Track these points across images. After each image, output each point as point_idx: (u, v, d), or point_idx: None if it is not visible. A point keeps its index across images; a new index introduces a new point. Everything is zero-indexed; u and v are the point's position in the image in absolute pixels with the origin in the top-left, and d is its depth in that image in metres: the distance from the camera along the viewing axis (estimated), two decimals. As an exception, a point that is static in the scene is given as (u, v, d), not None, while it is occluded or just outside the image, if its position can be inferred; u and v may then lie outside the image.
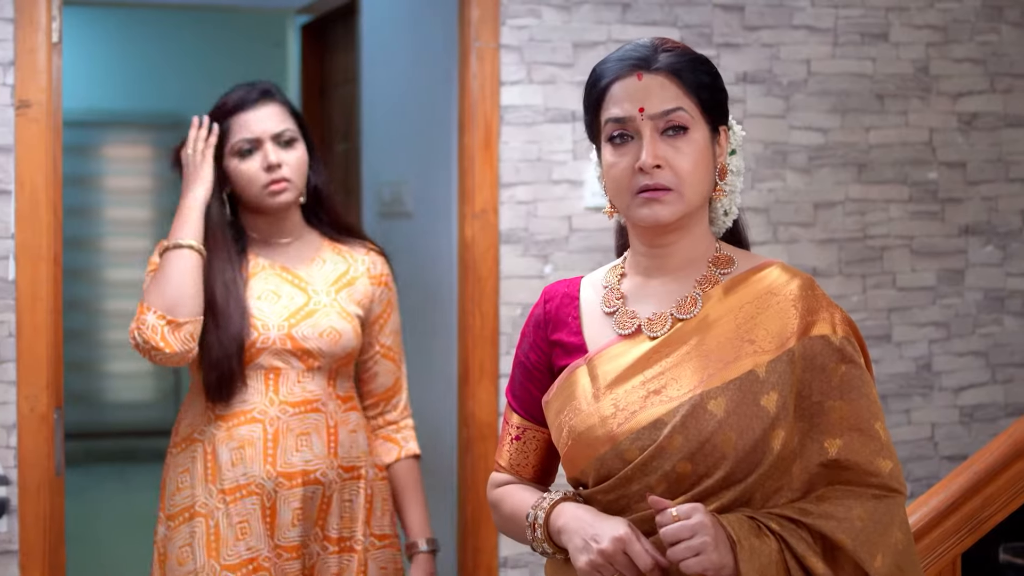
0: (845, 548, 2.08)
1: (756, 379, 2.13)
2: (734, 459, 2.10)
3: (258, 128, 3.26)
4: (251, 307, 3.23)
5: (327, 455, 3.23)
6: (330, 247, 3.40)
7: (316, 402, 3.24)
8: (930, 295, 4.77)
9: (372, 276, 3.40)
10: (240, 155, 3.26)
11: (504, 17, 4.30)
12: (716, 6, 4.51)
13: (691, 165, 2.17)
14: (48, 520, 3.76)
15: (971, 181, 4.80)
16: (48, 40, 3.76)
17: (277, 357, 3.22)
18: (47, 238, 3.76)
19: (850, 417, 2.14)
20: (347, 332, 3.28)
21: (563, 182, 4.37)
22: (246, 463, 3.18)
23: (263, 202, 3.27)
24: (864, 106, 4.68)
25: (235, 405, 3.21)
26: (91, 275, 9.78)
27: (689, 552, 2.01)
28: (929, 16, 4.73)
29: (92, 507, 8.22)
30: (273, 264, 3.32)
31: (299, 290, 3.29)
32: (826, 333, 2.17)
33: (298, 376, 3.23)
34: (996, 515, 3.12)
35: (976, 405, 4.82)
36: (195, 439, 3.25)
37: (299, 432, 3.21)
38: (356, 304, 3.34)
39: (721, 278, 2.24)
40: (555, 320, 2.34)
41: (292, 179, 3.27)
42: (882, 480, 2.13)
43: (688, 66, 2.20)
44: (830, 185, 4.65)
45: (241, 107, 3.27)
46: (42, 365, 3.75)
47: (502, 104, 4.30)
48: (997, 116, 4.81)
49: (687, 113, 2.17)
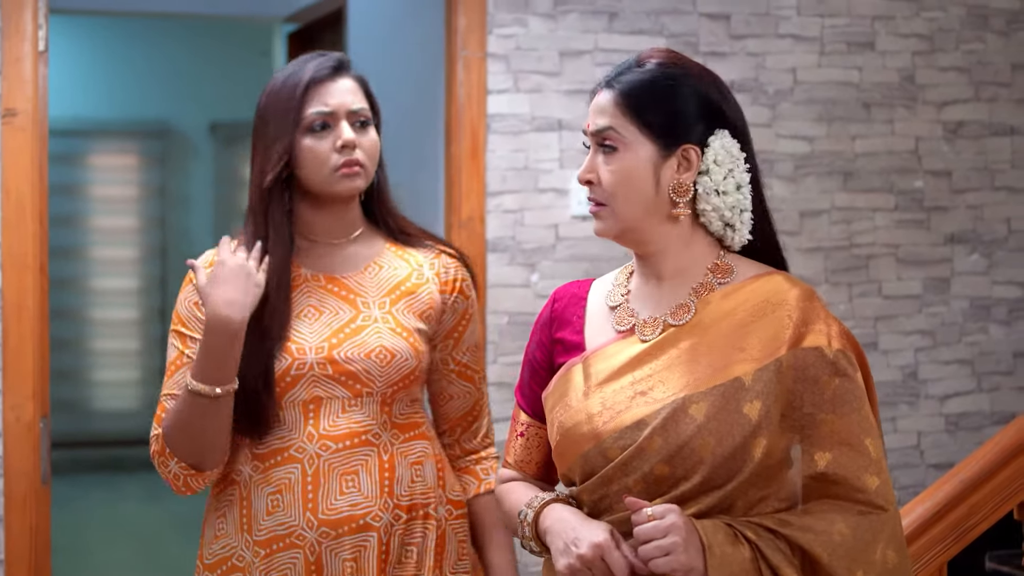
0: (821, 562, 2.08)
1: (741, 386, 2.13)
2: (711, 464, 2.11)
3: (334, 102, 2.72)
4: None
5: (380, 495, 2.69)
6: (393, 249, 2.84)
7: (365, 434, 2.71)
8: (916, 303, 4.78)
9: (442, 283, 2.83)
10: (311, 131, 2.70)
11: (491, 26, 4.31)
12: (702, 15, 4.52)
13: (615, 183, 2.21)
14: (34, 530, 3.75)
15: (957, 190, 4.81)
16: (34, 49, 3.76)
17: (317, 385, 2.69)
18: (33, 247, 3.75)
19: (841, 431, 2.14)
20: (402, 351, 2.72)
21: (550, 191, 4.38)
22: (284, 511, 2.67)
23: (331, 187, 2.72)
24: (850, 115, 4.69)
25: (271, 442, 2.70)
26: (77, 284, 9.78)
27: (659, 551, 2.03)
28: (915, 25, 4.74)
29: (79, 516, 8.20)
30: (317, 273, 2.77)
31: (346, 303, 2.76)
32: (820, 345, 2.17)
33: (343, 405, 2.70)
34: (982, 523, 3.12)
35: (962, 413, 4.83)
36: (232, 480, 2.74)
37: (344, 471, 2.68)
38: (418, 316, 2.78)
39: (718, 286, 2.24)
40: (560, 319, 2.37)
41: (366, 164, 2.74)
42: (868, 496, 2.13)
43: (640, 86, 2.22)
44: (816, 194, 4.66)
45: (317, 78, 2.72)
46: (28, 374, 3.75)
47: (489, 113, 4.31)
48: (982, 125, 4.83)
49: (618, 133, 2.21)
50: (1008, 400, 4.87)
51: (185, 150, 9.84)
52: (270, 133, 2.71)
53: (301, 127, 2.70)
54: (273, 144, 2.70)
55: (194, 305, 2.72)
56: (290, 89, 2.71)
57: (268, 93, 2.74)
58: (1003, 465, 3.12)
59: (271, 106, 2.73)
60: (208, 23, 9.35)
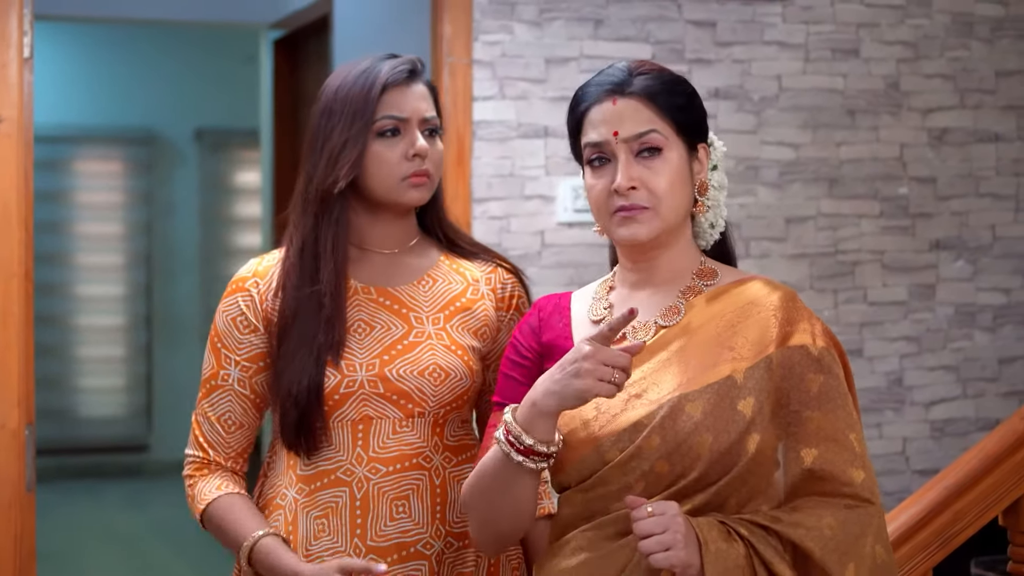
0: (813, 556, 2.11)
1: (734, 384, 2.17)
2: (709, 460, 2.15)
3: (408, 107, 2.56)
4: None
5: (431, 521, 2.55)
6: (447, 262, 2.69)
7: (417, 457, 2.56)
8: (901, 310, 4.79)
9: (499, 299, 2.68)
10: (381, 136, 2.55)
11: (477, 33, 4.31)
12: (688, 22, 4.53)
13: (666, 184, 2.23)
14: (19, 537, 3.74)
15: (942, 196, 4.82)
16: (19, 55, 3.75)
17: (367, 404, 2.54)
18: (18, 253, 3.74)
19: (826, 427, 2.18)
20: (456, 369, 2.57)
21: (535, 197, 4.38)
22: (331, 536, 2.54)
23: (398, 196, 2.56)
24: (835, 121, 4.70)
25: (318, 463, 2.55)
26: (62, 290, 9.75)
27: (659, 546, 2.05)
28: (900, 32, 4.75)
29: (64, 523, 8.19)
30: (368, 286, 2.61)
31: (398, 318, 2.60)
32: (805, 343, 2.22)
33: (394, 426, 2.56)
34: (967, 529, 3.13)
35: (947, 419, 4.84)
36: (276, 504, 2.60)
37: (394, 496, 2.54)
38: (473, 334, 2.63)
39: (704, 289, 2.29)
40: (547, 325, 2.38)
41: (433, 175, 2.59)
42: (854, 490, 2.17)
43: (662, 88, 2.26)
44: (801, 200, 4.67)
45: (393, 82, 2.56)
46: (13, 381, 3.74)
47: (474, 119, 4.31)
48: (967, 131, 4.84)
49: (660, 134, 2.23)
50: (993, 406, 4.88)
51: (170, 157, 9.83)
52: (337, 135, 2.54)
53: (372, 130, 2.54)
54: (342, 147, 2.53)
55: (232, 321, 2.60)
56: (362, 90, 2.55)
57: (336, 90, 2.57)
58: (988, 471, 3.13)
59: (339, 107, 2.56)
60: (193, 29, 9.34)
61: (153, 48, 9.59)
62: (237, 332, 2.59)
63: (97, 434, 9.88)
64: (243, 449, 2.63)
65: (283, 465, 2.60)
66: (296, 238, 2.58)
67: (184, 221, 9.86)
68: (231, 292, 2.62)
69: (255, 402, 2.61)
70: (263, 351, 2.59)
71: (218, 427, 2.60)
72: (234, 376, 2.59)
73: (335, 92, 2.57)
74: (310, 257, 2.56)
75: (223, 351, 2.60)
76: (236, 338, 2.59)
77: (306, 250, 2.56)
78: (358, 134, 2.53)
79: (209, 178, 9.94)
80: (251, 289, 2.60)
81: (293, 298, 2.55)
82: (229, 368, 2.59)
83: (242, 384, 2.60)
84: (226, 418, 2.60)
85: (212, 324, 2.64)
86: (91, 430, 9.90)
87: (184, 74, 9.71)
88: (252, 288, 2.60)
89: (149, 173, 9.88)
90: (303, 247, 2.57)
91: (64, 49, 9.31)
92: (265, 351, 2.59)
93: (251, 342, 2.59)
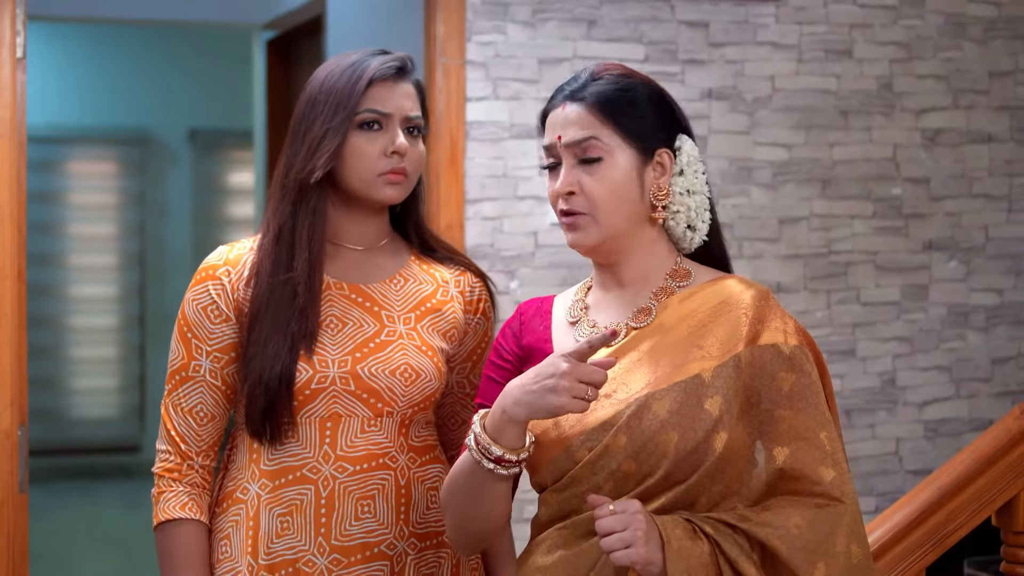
0: (780, 556, 2.11)
1: (701, 383, 2.18)
2: (675, 458, 2.15)
3: (392, 104, 2.54)
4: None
5: (396, 522, 2.54)
6: (418, 263, 2.68)
7: (384, 457, 2.53)
8: (894, 310, 4.80)
9: (467, 302, 2.67)
10: (362, 129, 2.53)
11: (470, 33, 4.31)
12: (681, 23, 4.53)
13: (604, 191, 2.24)
14: (12, 538, 3.73)
15: (935, 197, 4.83)
16: (12, 56, 3.75)
17: (337, 401, 2.51)
18: (11, 254, 3.74)
19: (797, 426, 2.18)
20: (427, 370, 2.56)
21: (529, 198, 4.38)
22: (294, 534, 2.50)
23: (372, 192, 2.54)
24: (828, 122, 4.70)
25: (282, 459, 2.52)
26: (56, 291, 9.74)
27: (620, 543, 2.06)
28: (893, 33, 4.75)
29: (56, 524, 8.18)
30: (341, 281, 2.59)
31: (370, 315, 2.58)
32: (776, 342, 2.21)
33: (362, 425, 2.53)
34: (960, 529, 3.13)
35: (940, 420, 4.84)
36: (237, 498, 2.56)
37: (360, 496, 2.52)
38: (442, 336, 2.62)
39: (677, 289, 2.29)
40: (527, 328, 2.40)
41: (410, 175, 2.57)
42: (824, 489, 2.16)
43: (612, 95, 2.27)
44: (795, 201, 4.67)
45: (380, 76, 2.54)
46: (6, 382, 3.73)
47: (468, 120, 4.31)
48: (960, 132, 4.84)
49: (600, 142, 2.24)
50: (986, 407, 4.88)
51: (164, 157, 9.82)
52: (319, 125, 2.52)
53: (353, 123, 2.52)
54: (323, 136, 2.51)
55: (203, 310, 2.56)
56: (349, 82, 2.53)
57: (323, 81, 2.56)
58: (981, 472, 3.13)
59: (323, 97, 2.54)
60: (187, 30, 9.33)
61: (146, 49, 9.58)
62: (208, 322, 2.56)
63: (90, 435, 9.87)
64: (214, 442, 2.59)
65: (245, 459, 2.56)
66: (273, 225, 2.56)
67: (177, 222, 9.85)
68: (201, 280, 2.58)
69: (226, 393, 2.57)
70: (235, 341, 2.56)
71: (190, 419, 2.56)
72: (206, 367, 2.55)
73: (321, 83, 2.56)
74: (286, 245, 2.53)
75: (194, 341, 2.56)
76: (207, 328, 2.55)
77: (282, 238, 2.54)
78: (339, 125, 2.51)
79: (202, 179, 9.94)
80: (222, 278, 2.56)
81: (267, 285, 2.52)
82: (201, 359, 2.55)
83: (214, 375, 2.56)
84: (198, 410, 2.56)
85: (179, 312, 2.59)
86: (84, 431, 9.89)
87: (177, 75, 9.70)
88: (224, 277, 2.57)
89: (142, 174, 9.87)
90: (279, 234, 2.55)
91: (57, 49, 9.29)
92: (236, 341, 2.56)
93: (223, 332, 2.55)
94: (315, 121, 2.53)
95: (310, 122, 2.54)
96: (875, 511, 4.60)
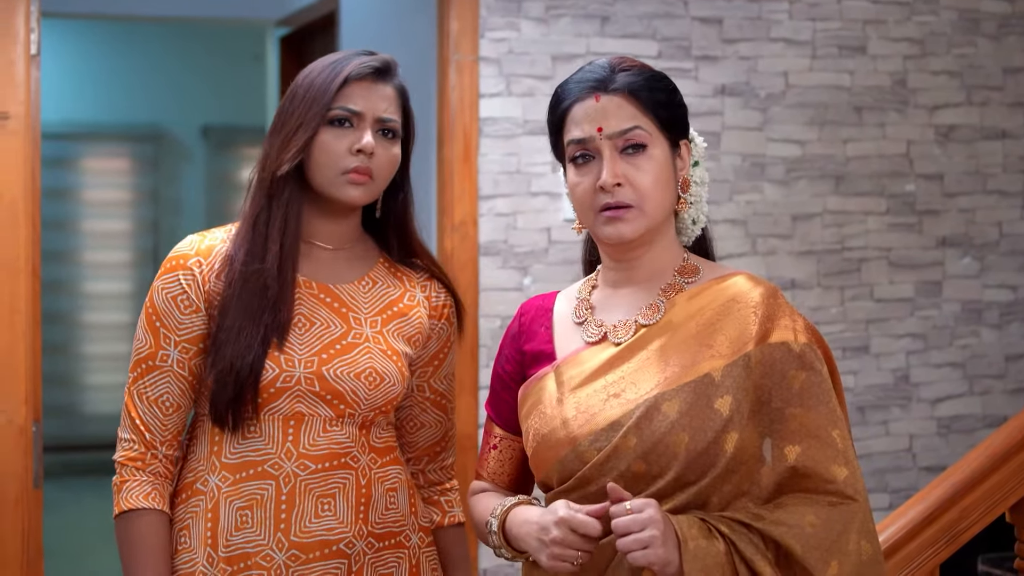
0: (794, 554, 2.11)
1: (711, 382, 2.17)
2: (685, 460, 2.15)
3: (363, 103, 2.55)
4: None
5: (355, 520, 2.55)
6: (385, 266, 2.69)
7: (345, 456, 2.55)
8: (908, 307, 4.79)
9: (432, 307, 2.68)
10: (332, 125, 2.54)
11: (483, 30, 4.31)
12: (695, 19, 4.53)
13: (651, 181, 2.23)
14: (26, 533, 3.75)
15: (948, 193, 4.82)
16: (26, 52, 3.76)
17: (300, 401, 2.52)
18: (25, 250, 3.75)
19: (808, 424, 2.17)
20: (390, 374, 2.57)
21: (542, 194, 4.38)
22: (253, 528, 2.51)
23: (335, 189, 2.54)
24: (842, 118, 4.69)
25: (244, 453, 2.53)
26: (69, 287, 9.76)
27: (637, 544, 2.05)
28: (906, 29, 4.75)
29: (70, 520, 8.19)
30: (310, 280, 2.59)
31: (337, 316, 2.59)
32: (786, 340, 2.20)
33: (324, 425, 2.54)
34: (974, 526, 3.13)
35: (954, 416, 4.84)
36: (197, 490, 2.56)
37: (320, 493, 2.53)
38: (406, 340, 2.63)
39: (686, 286, 2.29)
40: (528, 331, 2.40)
41: (376, 176, 2.55)
42: (837, 487, 2.16)
43: (645, 85, 2.26)
44: (808, 197, 4.67)
45: (356, 75, 2.55)
46: (20, 378, 3.74)
47: (481, 116, 4.31)
48: (974, 128, 4.84)
49: (644, 131, 2.23)
50: (1000, 403, 4.88)
51: (177, 154, 9.83)
52: (294, 119, 2.54)
53: (324, 119, 2.53)
54: (296, 130, 2.53)
55: (173, 299, 2.54)
56: (326, 79, 2.55)
57: (303, 78, 2.58)
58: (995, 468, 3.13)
59: (302, 92, 2.56)
60: (200, 27, 9.34)
61: (160, 45, 9.59)
62: (178, 312, 2.54)
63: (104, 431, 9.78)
64: (178, 432, 2.58)
65: (206, 450, 2.56)
66: (249, 215, 2.58)
67: (191, 218, 9.86)
68: (171, 269, 2.57)
69: (192, 383, 2.56)
70: (203, 332, 2.55)
71: (155, 409, 2.55)
72: (173, 357, 2.54)
73: (303, 79, 2.58)
74: (260, 237, 2.54)
75: (162, 331, 2.55)
76: (176, 318, 2.54)
77: (257, 228, 2.55)
78: (311, 120, 2.52)
79: (216, 175, 9.95)
80: (193, 268, 2.56)
81: (240, 273, 2.52)
82: (169, 349, 2.54)
83: (181, 366, 2.55)
84: (164, 400, 2.55)
85: (147, 299, 2.58)
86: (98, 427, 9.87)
87: (191, 71, 9.71)
88: (195, 267, 2.56)
89: (156, 170, 9.88)
90: (254, 225, 2.56)
91: (71, 46, 9.31)
92: (205, 332, 2.55)
93: (192, 323, 2.54)
94: (292, 115, 2.55)
95: (287, 116, 2.56)
96: (889, 508, 4.60)
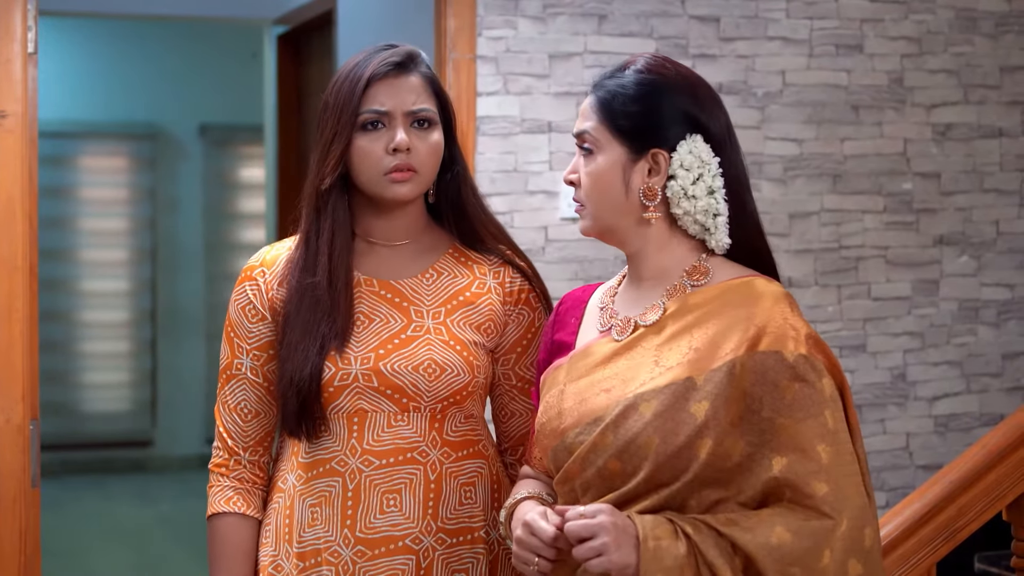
0: (756, 564, 2.08)
1: (692, 386, 2.15)
2: (655, 462, 2.13)
3: (391, 101, 2.55)
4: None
5: (423, 516, 2.55)
6: (454, 255, 2.67)
7: (412, 451, 2.55)
8: (905, 305, 4.79)
9: (507, 293, 2.64)
10: (365, 130, 2.55)
11: (480, 28, 4.31)
12: (692, 17, 4.53)
13: (589, 185, 2.29)
14: (24, 532, 3.74)
15: (946, 192, 4.82)
16: (24, 51, 3.76)
17: (361, 397, 2.54)
18: (23, 248, 3.75)
19: (796, 437, 2.13)
20: (453, 365, 2.56)
21: (539, 193, 4.38)
22: (323, 525, 2.56)
23: (381, 191, 2.56)
24: (839, 117, 4.70)
25: (315, 452, 2.57)
26: (67, 286, 9.77)
27: (591, 552, 2.06)
28: (904, 28, 4.75)
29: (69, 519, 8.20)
30: (371, 278, 2.61)
31: (398, 311, 2.59)
32: (779, 349, 2.16)
33: (389, 420, 2.55)
34: (971, 524, 3.13)
35: (951, 415, 4.84)
36: (279, 487, 2.63)
37: (386, 489, 2.54)
38: (476, 329, 2.61)
39: (691, 288, 2.27)
40: (561, 321, 2.43)
41: (419, 169, 2.56)
42: (814, 503, 2.11)
43: (612, 90, 2.28)
44: (805, 195, 4.67)
45: (378, 75, 2.56)
46: (18, 376, 3.74)
47: (478, 115, 4.31)
48: (971, 127, 4.84)
49: (593, 136, 2.28)
50: (997, 401, 4.88)
51: (175, 152, 9.84)
52: (328, 130, 2.56)
53: (356, 125, 2.55)
54: (332, 142, 2.55)
55: (242, 310, 2.62)
56: (350, 85, 2.56)
57: (331, 87, 2.60)
58: (992, 467, 3.13)
59: (332, 101, 2.58)
60: (197, 25, 9.34)
61: (157, 44, 9.59)
62: (247, 321, 2.62)
63: (102, 429, 9.89)
64: (261, 438, 2.65)
65: (287, 450, 2.63)
66: (302, 231, 2.61)
67: (188, 217, 9.87)
68: (241, 281, 2.65)
69: (269, 390, 2.63)
70: (271, 339, 2.62)
71: (235, 416, 2.64)
72: (247, 365, 2.62)
73: (332, 87, 2.60)
74: (312, 251, 2.58)
75: (236, 340, 2.63)
76: (246, 327, 2.62)
77: (308, 243, 2.59)
78: (343, 129, 2.55)
79: (213, 174, 9.95)
80: (258, 278, 2.63)
81: (295, 289, 2.56)
82: (242, 357, 2.63)
83: (255, 372, 2.62)
84: (242, 407, 2.63)
85: (227, 315, 2.67)
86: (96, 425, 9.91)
87: (188, 70, 9.71)
88: (259, 277, 2.63)
89: (153, 169, 9.89)
90: (307, 239, 2.59)
91: (68, 44, 9.31)
92: (273, 339, 2.62)
93: (259, 331, 2.62)
94: (326, 127, 2.58)
95: (323, 128, 2.59)
96: (885, 506, 4.60)
